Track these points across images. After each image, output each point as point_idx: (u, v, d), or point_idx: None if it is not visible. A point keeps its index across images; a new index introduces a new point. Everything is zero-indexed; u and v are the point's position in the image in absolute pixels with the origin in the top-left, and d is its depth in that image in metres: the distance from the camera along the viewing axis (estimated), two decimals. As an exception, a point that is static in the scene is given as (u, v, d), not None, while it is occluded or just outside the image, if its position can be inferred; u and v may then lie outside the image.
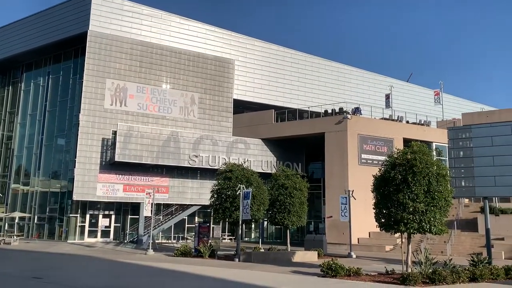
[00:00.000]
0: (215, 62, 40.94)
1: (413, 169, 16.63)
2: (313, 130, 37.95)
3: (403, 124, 40.00)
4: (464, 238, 31.08)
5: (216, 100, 40.40)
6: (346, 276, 16.78)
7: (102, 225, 37.24)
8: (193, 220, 39.51)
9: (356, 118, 37.00)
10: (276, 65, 46.41)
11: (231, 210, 23.98)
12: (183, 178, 38.10)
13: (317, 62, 49.43)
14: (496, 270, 17.04)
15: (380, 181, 17.91)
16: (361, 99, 48.33)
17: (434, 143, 38.79)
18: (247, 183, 23.89)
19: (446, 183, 16.97)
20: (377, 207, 18.05)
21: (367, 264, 22.28)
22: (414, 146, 17.37)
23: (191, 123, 39.19)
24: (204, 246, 25.17)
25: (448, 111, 51.89)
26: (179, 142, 36.44)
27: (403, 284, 15.13)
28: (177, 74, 39.19)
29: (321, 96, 48.08)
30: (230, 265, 21.14)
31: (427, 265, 16.90)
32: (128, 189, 35.95)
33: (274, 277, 17.02)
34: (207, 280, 16.69)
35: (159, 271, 19.04)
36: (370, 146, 36.43)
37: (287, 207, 26.16)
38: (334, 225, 33.92)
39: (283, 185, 26.50)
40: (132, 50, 37.72)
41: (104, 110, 36.06)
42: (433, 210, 16.52)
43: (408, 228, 16.69)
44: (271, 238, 43.61)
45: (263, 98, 44.85)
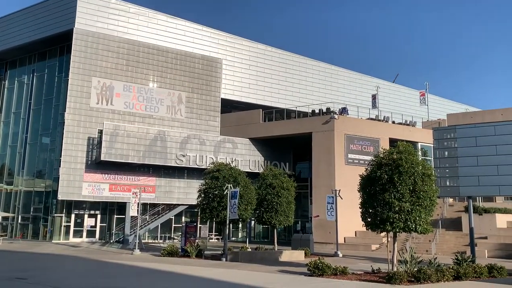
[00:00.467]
0: (202, 61, 40.82)
1: (399, 169, 16.79)
2: (300, 130, 38.10)
3: (389, 124, 40.40)
4: (448, 237, 31.52)
5: (203, 99, 40.29)
6: (332, 275, 16.87)
7: (87, 225, 36.87)
8: (180, 220, 39.36)
9: (343, 118, 37.25)
10: (264, 64, 46.47)
11: (218, 209, 23.93)
12: (170, 178, 37.91)
13: (305, 62, 49.64)
14: (479, 268, 17.31)
15: (366, 180, 18.04)
16: (348, 99, 48.70)
17: (419, 143, 39.27)
18: (234, 183, 23.86)
19: (431, 183, 17.17)
20: (363, 207, 18.17)
21: (353, 263, 22.44)
22: (400, 146, 17.54)
23: (178, 122, 39.02)
24: (191, 245, 25.07)
25: (433, 111, 52.56)
26: (166, 141, 36.24)
27: (389, 282, 15.27)
28: (164, 73, 38.98)
29: (309, 96, 48.31)
30: (217, 265, 21.10)
31: (413, 263, 17.10)
32: (114, 188, 35.65)
33: (261, 277, 17.04)
34: (194, 279, 16.64)
35: (145, 271, 18.91)
36: (357, 146, 36.71)
37: (275, 207, 26.19)
38: (321, 224, 34.10)
39: (271, 184, 26.52)
40: (118, 48, 37.39)
41: (90, 109, 35.68)
42: (419, 209, 16.70)
43: (394, 227, 16.84)
44: (258, 237, 43.66)
45: (251, 97, 44.89)
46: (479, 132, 20.11)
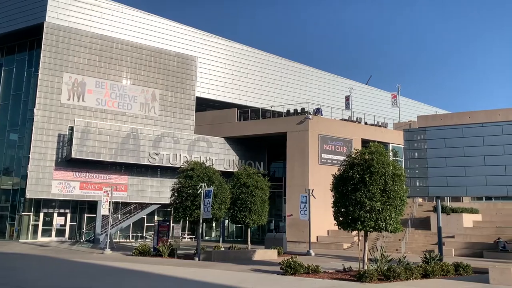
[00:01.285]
0: (177, 59, 40.44)
1: (370, 169, 17.09)
2: (275, 130, 38.25)
3: (361, 125, 41.06)
4: (417, 236, 32.29)
5: (178, 97, 39.92)
6: (305, 274, 17.03)
7: (57, 224, 35.99)
8: (153, 219, 38.93)
9: (317, 119, 37.63)
10: (240, 63, 46.46)
11: (192, 209, 23.78)
12: (143, 176, 37.41)
13: (280, 62, 49.90)
14: (446, 266, 17.83)
15: (339, 180, 18.30)
16: (322, 100, 49.26)
17: (390, 144, 40.07)
18: (208, 182, 23.76)
19: (402, 183, 17.55)
20: (335, 206, 18.42)
21: (325, 261, 22.71)
22: (372, 146, 17.86)
23: (152, 120, 38.54)
24: (164, 245, 24.83)
25: (404, 113, 53.76)
26: (139, 139, 35.74)
27: (360, 281, 15.54)
28: (138, 70, 38.42)
29: (284, 96, 48.59)
30: (189, 264, 20.97)
31: (383, 262, 17.45)
32: (85, 186, 34.92)
33: (234, 276, 17.04)
34: (165, 279, 16.48)
35: (116, 270, 18.62)
36: (330, 146, 37.16)
37: (248, 206, 26.22)
38: (294, 223, 34.36)
39: (245, 183, 26.53)
40: (91, 43, 36.63)
41: (60, 105, 34.83)
42: (389, 209, 17.05)
43: (365, 226, 17.14)
44: (232, 236, 43.61)
45: (226, 96, 44.81)
46: (448, 134, 20.70)
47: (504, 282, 15.33)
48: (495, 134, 19.82)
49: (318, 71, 53.64)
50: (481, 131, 20.08)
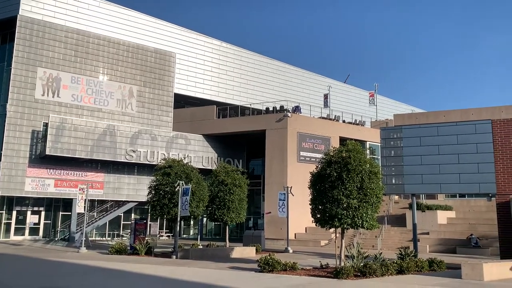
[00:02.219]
0: (155, 55, 39.94)
1: (347, 166, 17.24)
2: (254, 127, 38.23)
3: (339, 124, 41.44)
4: (393, 232, 32.82)
5: (156, 93, 39.43)
6: (282, 271, 17.08)
7: (30, 222, 35.16)
8: (130, 217, 38.44)
9: (296, 117, 37.79)
10: (219, 60, 46.25)
11: (169, 206, 23.56)
12: (120, 174, 36.86)
13: (259, 60, 49.89)
14: (421, 262, 18.17)
15: (316, 178, 18.40)
16: (301, 98, 49.50)
17: (368, 142, 40.59)
18: (186, 179, 23.57)
19: (378, 181, 17.77)
20: (313, 203, 18.53)
21: (303, 258, 22.85)
22: (349, 144, 18.01)
23: (129, 116, 37.98)
24: (140, 243, 24.55)
25: (381, 112, 54.53)
26: (115, 136, 35.18)
27: (336, 277, 15.68)
28: (115, 65, 37.77)
29: (263, 94, 48.62)
30: (167, 262, 20.78)
31: (359, 259, 17.65)
32: (59, 184, 34.19)
33: (211, 273, 16.97)
34: (142, 277, 16.28)
35: (91, 269, 18.30)
36: (309, 144, 37.38)
37: (227, 204, 26.15)
38: (272, 221, 34.45)
39: (223, 181, 26.43)
40: (66, 38, 35.82)
41: (34, 101, 33.98)
42: (365, 206, 17.24)
43: (342, 223, 17.29)
44: (210, 234, 43.47)
45: (205, 93, 44.57)
46: (423, 133, 21.06)
47: (475, 277, 15.72)
48: (468, 133, 20.27)
49: (297, 69, 53.87)
50: (455, 129, 20.51)
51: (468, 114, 20.89)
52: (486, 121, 20.17)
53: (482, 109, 20.78)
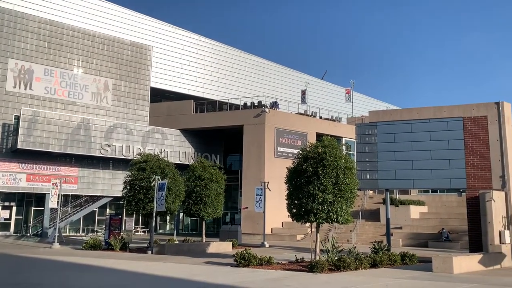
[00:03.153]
0: (131, 48, 39.33)
1: (323, 162, 17.40)
2: (232, 122, 38.19)
3: (316, 119, 41.81)
4: (367, 227, 33.40)
5: (132, 87, 38.84)
6: (258, 265, 17.15)
7: (1, 218, 34.26)
8: (104, 212, 37.92)
9: (274, 112, 37.91)
10: (197, 55, 45.93)
11: (145, 202, 23.34)
12: (94, 168, 36.28)
13: (238, 55, 49.77)
14: (393, 256, 18.55)
15: (293, 173, 18.52)
16: (279, 94, 49.69)
17: (344, 138, 41.11)
18: (162, 174, 23.37)
19: (353, 176, 18.00)
20: (289, 198, 18.64)
21: (279, 253, 23.02)
22: (325, 140, 18.18)
23: (104, 110, 37.35)
24: (115, 238, 24.26)
25: (357, 108, 55.28)
26: (90, 130, 34.58)
27: (311, 271, 15.85)
28: (90, 58, 37.04)
29: (241, 89, 48.56)
30: (141, 258, 20.61)
31: (334, 253, 17.90)
32: (32, 179, 33.42)
33: (187, 268, 16.92)
34: (115, 273, 16.10)
35: (64, 265, 17.99)
36: (286, 139, 37.60)
37: (203, 199, 26.06)
38: (249, 216, 34.56)
39: (200, 176, 26.32)
40: (39, 29, 34.90)
41: (5, 93, 33.06)
42: (340, 201, 17.44)
43: (317, 218, 17.46)
44: (186, 230, 43.30)
45: (183, 87, 44.21)
46: (397, 129, 21.44)
47: (445, 270, 16.17)
48: (440, 130, 20.74)
49: (275, 65, 53.99)
50: (428, 126, 20.95)
51: (440, 111, 21.33)
52: (458, 118, 20.66)
53: (454, 106, 21.25)
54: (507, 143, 20.07)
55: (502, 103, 20.43)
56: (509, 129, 20.80)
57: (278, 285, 13.28)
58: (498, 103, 20.46)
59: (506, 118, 20.34)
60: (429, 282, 14.17)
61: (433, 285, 13.64)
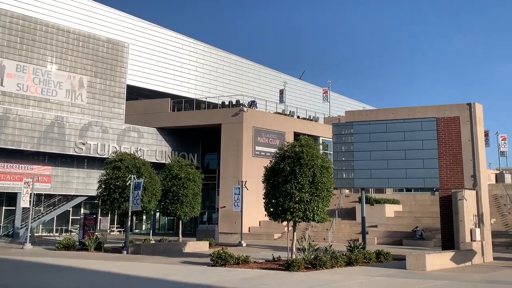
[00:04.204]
0: (107, 45, 38.63)
1: (300, 161, 17.50)
2: (210, 121, 38.00)
3: (294, 119, 42.03)
4: (343, 225, 33.79)
5: (107, 84, 38.15)
6: (235, 265, 17.13)
7: (-30, 218, 33.20)
8: (79, 212, 37.18)
9: (252, 111, 37.92)
10: (175, 52, 45.50)
11: (120, 201, 23.00)
12: (68, 167, 35.53)
13: (216, 53, 49.54)
14: (368, 254, 18.83)
15: (270, 172, 18.56)
16: (257, 93, 49.70)
17: (321, 137, 41.46)
18: (138, 173, 23.07)
19: (329, 175, 18.16)
20: (266, 197, 18.68)
21: (256, 252, 23.04)
22: (302, 139, 18.28)
23: (79, 108, 36.56)
24: (90, 238, 23.83)
25: (334, 108, 55.81)
26: (64, 128, 33.84)
27: (288, 270, 15.92)
28: (64, 55, 36.21)
29: (219, 88, 48.36)
30: (116, 258, 20.30)
31: (310, 251, 18.02)
32: (3, 177, 32.52)
33: (163, 268, 16.75)
34: (89, 273, 15.80)
35: (35, 265, 17.55)
36: (264, 138, 37.66)
37: (180, 198, 25.84)
38: (227, 215, 34.48)
39: (177, 175, 26.09)
40: (11, 24, 33.92)
41: (-25, 89, 32.01)
42: (317, 199, 17.57)
43: (294, 216, 17.56)
44: (163, 229, 42.90)
45: (160, 85, 43.73)
46: (373, 129, 21.71)
47: (418, 267, 16.49)
48: (415, 130, 21.12)
49: (254, 64, 53.98)
50: (403, 126, 21.30)
51: (415, 111, 21.71)
52: (431, 119, 21.06)
53: (428, 107, 21.66)
54: (478, 143, 20.57)
55: (474, 104, 20.93)
56: (481, 130, 21.35)
57: (255, 284, 13.28)
58: (470, 104, 20.95)
59: (478, 119, 20.85)
60: (403, 279, 14.42)
61: (406, 282, 13.88)
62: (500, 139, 46.97)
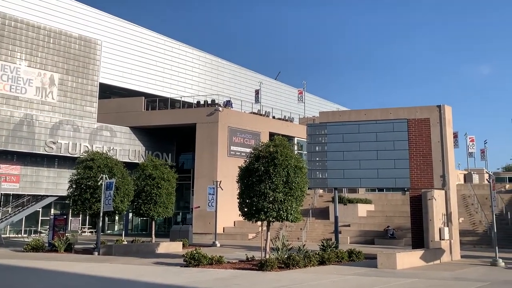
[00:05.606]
0: (79, 42, 37.78)
1: (274, 161, 17.57)
2: (184, 121, 37.69)
3: (270, 119, 42.16)
4: (317, 225, 34.11)
5: (79, 82, 37.29)
6: (208, 265, 17.06)
7: None
8: (49, 212, 36.23)
9: (227, 111, 37.83)
10: (149, 51, 44.93)
11: (92, 201, 22.56)
12: (38, 166, 34.57)
13: (191, 52, 49.20)
14: (341, 253, 19.09)
15: (245, 172, 18.56)
16: (233, 93, 49.61)
17: (296, 137, 41.74)
18: (110, 173, 22.68)
19: (303, 175, 18.30)
20: (241, 197, 18.67)
21: (230, 252, 22.99)
22: (276, 140, 18.37)
23: (49, 106, 35.64)
24: (60, 239, 23.27)
25: (309, 109, 56.27)
26: (34, 126, 32.94)
27: (261, 269, 15.96)
28: (34, 51, 35.22)
29: (194, 87, 48.05)
30: (87, 259, 19.90)
31: (283, 251, 18.12)
32: (-32, 177, 31.32)
33: (135, 269, 16.52)
34: (58, 275, 15.42)
35: (1, 267, 16.98)
36: (239, 138, 37.63)
37: (154, 198, 25.52)
38: (201, 215, 34.29)
39: (150, 175, 25.76)
40: (-22, 18, 32.79)
41: None
42: (290, 199, 17.68)
43: (268, 216, 17.61)
44: (136, 230, 42.31)
45: (133, 84, 43.09)
46: (346, 130, 22.02)
47: (389, 266, 16.81)
48: (386, 131, 21.52)
49: (229, 63, 53.85)
50: (375, 127, 21.67)
51: (387, 113, 22.12)
52: (403, 120, 21.52)
53: (399, 108, 22.11)
54: (447, 144, 21.14)
55: (444, 106, 21.50)
56: (450, 131, 21.96)
57: (227, 284, 13.25)
58: (440, 106, 21.51)
59: (447, 120, 21.43)
60: (374, 278, 14.67)
61: (377, 281, 14.12)
62: (469, 141, 48.42)
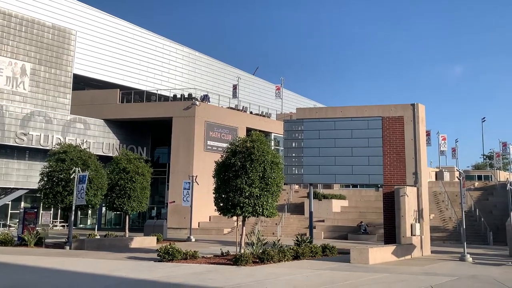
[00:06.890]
0: (53, 31, 36.78)
1: (251, 156, 17.58)
2: (160, 114, 37.26)
3: (247, 114, 42.13)
4: (292, 220, 34.38)
5: (52, 73, 36.35)
6: (182, 260, 16.96)
7: None
8: (19, 206, 35.28)
9: (204, 105, 37.59)
10: (125, 42, 44.18)
11: (64, 195, 22.08)
12: (8, 159, 33.59)
13: (169, 45, 48.63)
14: (315, 248, 19.30)
15: (221, 167, 18.51)
16: (210, 87, 49.34)
17: (273, 133, 41.87)
18: (83, 166, 22.23)
19: (279, 171, 18.38)
20: (217, 192, 18.63)
21: (205, 247, 22.92)
22: (253, 135, 18.38)
23: (21, 96, 34.62)
24: (30, 233, 22.70)
25: (287, 105, 56.50)
26: (4, 117, 31.96)
27: (236, 264, 15.98)
28: (5, 39, 34.11)
29: (171, 80, 47.55)
30: (58, 254, 19.48)
31: (258, 246, 18.18)
32: None
33: (107, 264, 16.27)
34: (27, 270, 15.04)
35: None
36: (216, 133, 37.47)
37: (128, 192, 25.18)
38: (176, 210, 34.05)
39: (125, 169, 25.38)
40: None
41: None
42: (266, 194, 17.75)
43: (244, 211, 17.63)
44: (109, 224, 41.69)
45: (108, 76, 42.32)
46: (322, 126, 22.22)
47: (361, 261, 17.10)
48: (361, 128, 21.82)
49: (207, 57, 53.50)
50: (350, 124, 21.95)
51: (362, 110, 22.42)
52: (377, 118, 21.85)
53: (374, 106, 22.44)
54: (420, 142, 21.60)
55: (417, 104, 21.93)
56: (423, 129, 22.43)
57: (202, 279, 13.21)
58: (413, 104, 21.93)
59: (421, 118, 21.88)
60: (346, 272, 14.89)
61: (349, 275, 14.34)
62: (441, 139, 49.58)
